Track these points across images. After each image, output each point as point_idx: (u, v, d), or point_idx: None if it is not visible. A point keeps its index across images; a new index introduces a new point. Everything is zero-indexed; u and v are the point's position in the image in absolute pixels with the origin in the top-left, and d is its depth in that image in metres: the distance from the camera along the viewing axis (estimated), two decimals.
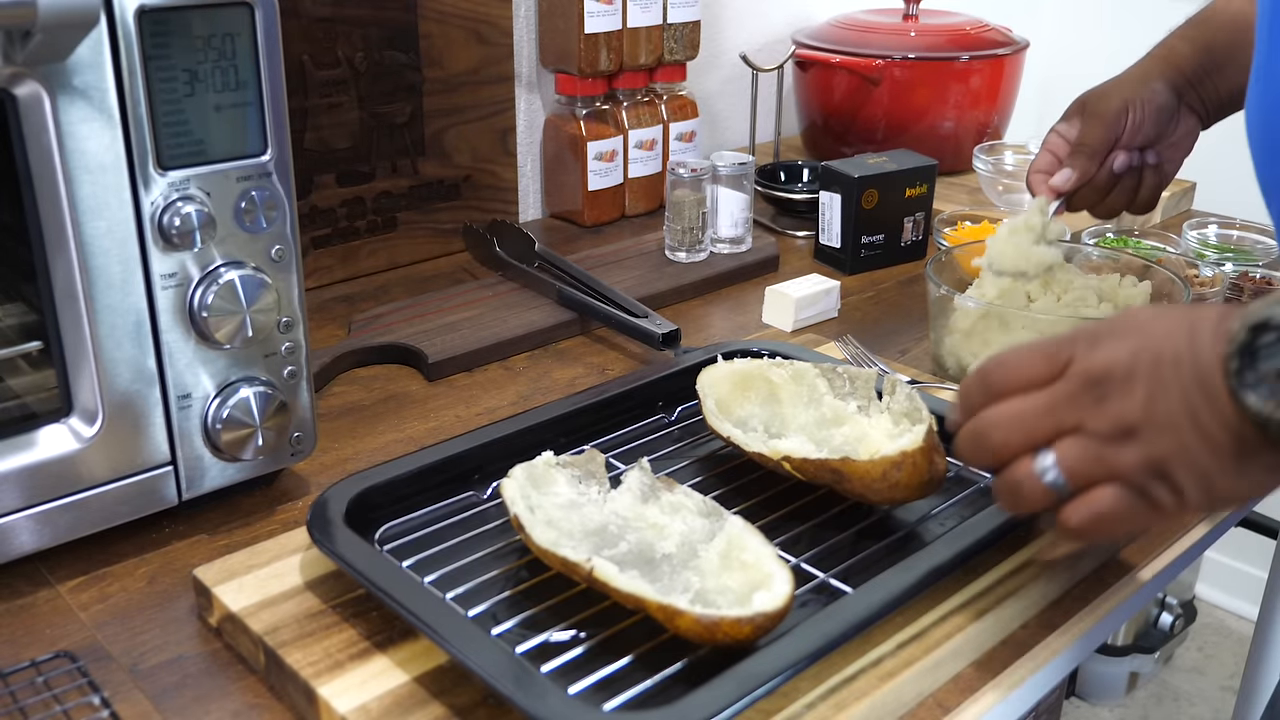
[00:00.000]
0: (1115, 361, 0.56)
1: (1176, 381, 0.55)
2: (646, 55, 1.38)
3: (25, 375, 0.73)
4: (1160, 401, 0.55)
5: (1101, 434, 0.57)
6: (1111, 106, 0.98)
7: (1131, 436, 0.56)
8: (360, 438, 0.92)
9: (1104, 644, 1.94)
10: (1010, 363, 0.61)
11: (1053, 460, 0.58)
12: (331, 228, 1.21)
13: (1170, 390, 0.55)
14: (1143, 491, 0.56)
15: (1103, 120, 0.98)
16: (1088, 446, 0.57)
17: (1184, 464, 0.55)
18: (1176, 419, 0.55)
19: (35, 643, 0.68)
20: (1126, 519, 0.57)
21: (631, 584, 0.61)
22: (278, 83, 0.72)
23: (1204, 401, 0.54)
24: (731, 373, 0.85)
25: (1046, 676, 0.68)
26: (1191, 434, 0.55)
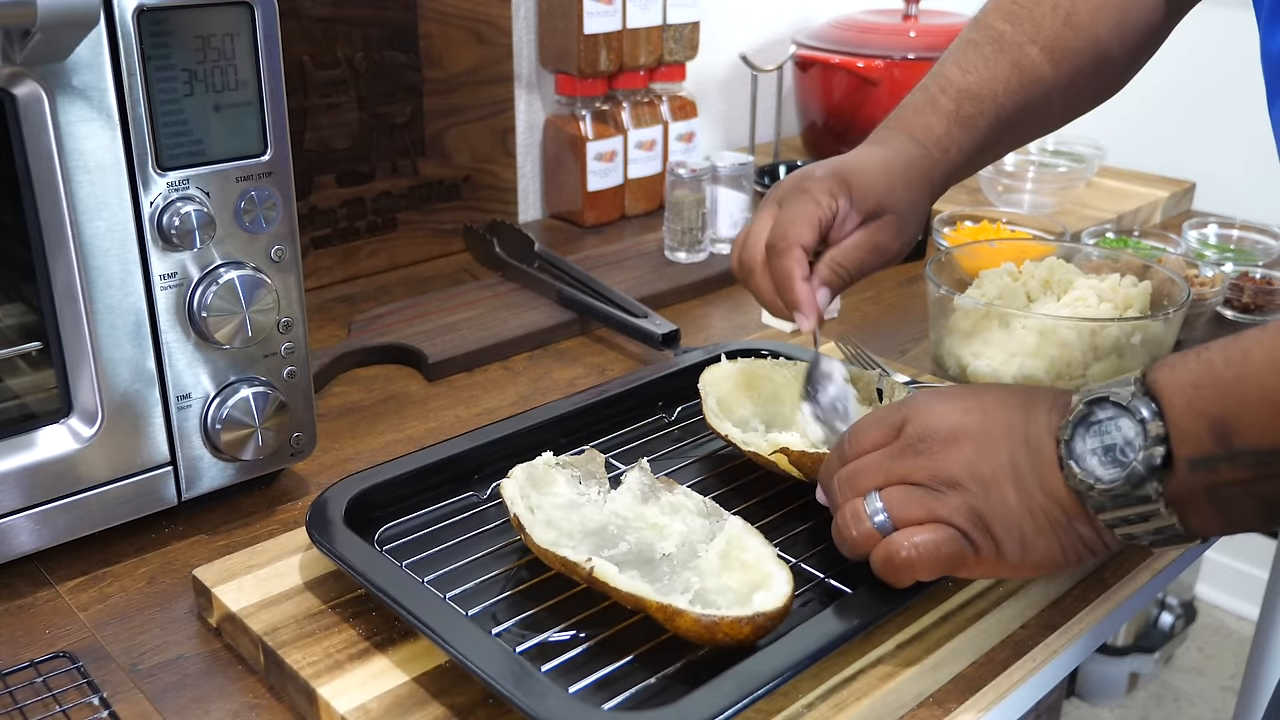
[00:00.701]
0: (942, 421, 0.61)
1: (1005, 443, 0.59)
2: (646, 55, 1.38)
3: (25, 375, 0.73)
4: (985, 460, 0.59)
5: (925, 483, 0.60)
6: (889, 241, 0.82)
7: (954, 488, 0.60)
8: (360, 438, 0.92)
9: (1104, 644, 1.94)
10: (856, 430, 0.66)
11: (881, 504, 0.62)
12: (331, 228, 1.21)
13: (998, 450, 0.59)
14: (965, 535, 0.60)
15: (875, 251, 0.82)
16: (912, 492, 0.61)
17: (1002, 519, 0.59)
18: (999, 477, 0.58)
19: (35, 643, 0.68)
20: (946, 558, 0.60)
21: (631, 584, 0.61)
22: (278, 83, 0.72)
23: (1029, 465, 0.58)
24: (734, 372, 0.85)
25: (1046, 676, 0.68)
26: (1012, 493, 0.58)
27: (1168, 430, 0.53)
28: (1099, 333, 0.89)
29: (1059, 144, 1.51)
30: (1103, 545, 0.59)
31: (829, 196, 0.79)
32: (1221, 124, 1.92)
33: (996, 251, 1.06)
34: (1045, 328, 0.90)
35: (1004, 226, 1.28)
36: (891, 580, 0.63)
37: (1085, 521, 0.58)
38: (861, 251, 0.81)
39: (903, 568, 0.61)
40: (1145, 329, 0.90)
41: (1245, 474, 0.52)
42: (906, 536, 0.61)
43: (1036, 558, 0.60)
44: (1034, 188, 1.39)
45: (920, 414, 0.62)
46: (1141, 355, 0.91)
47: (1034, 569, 0.61)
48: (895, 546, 0.61)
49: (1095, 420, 0.56)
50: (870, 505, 0.62)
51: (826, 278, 0.80)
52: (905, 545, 0.61)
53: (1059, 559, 0.60)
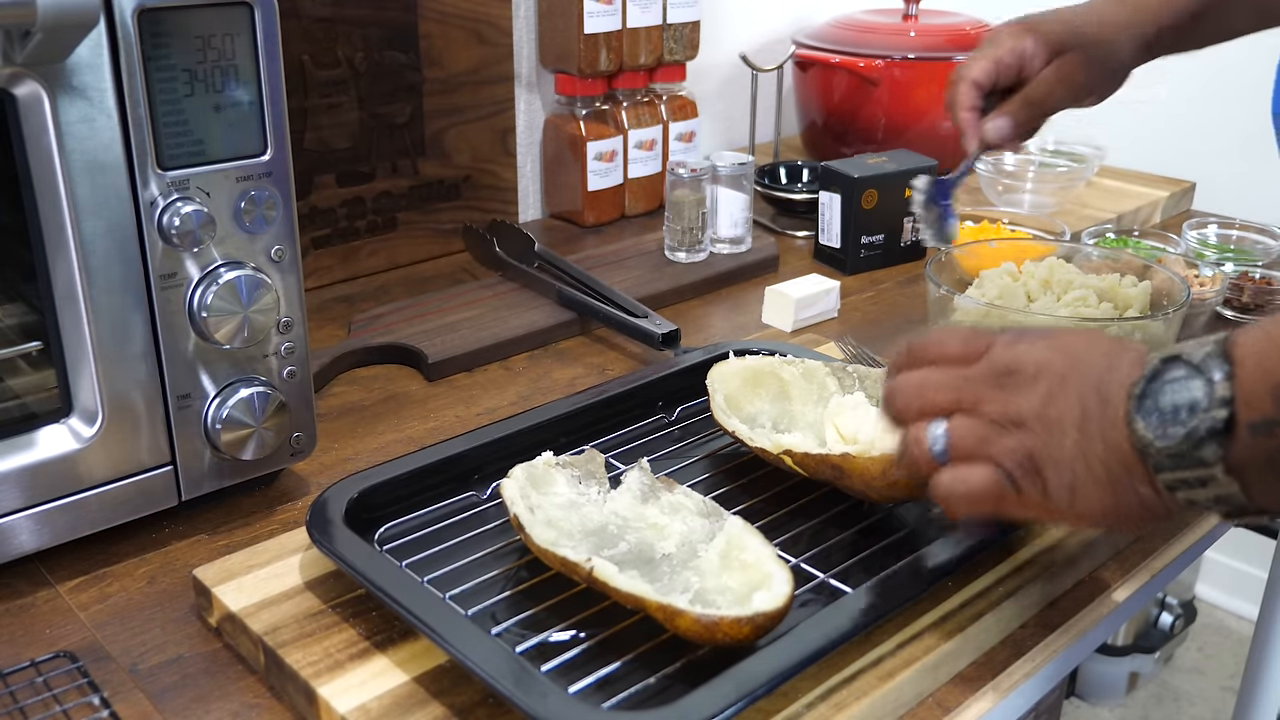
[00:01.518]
0: (1028, 358, 0.60)
1: (1078, 389, 0.58)
2: (646, 55, 1.38)
3: (25, 375, 0.73)
4: (1056, 402, 0.58)
5: (992, 418, 0.60)
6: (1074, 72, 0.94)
7: (1019, 427, 0.59)
8: (360, 438, 0.92)
9: (1104, 644, 1.94)
10: (934, 338, 0.65)
11: (943, 430, 0.61)
12: (331, 228, 1.21)
13: (1069, 394, 0.58)
14: (1012, 480, 0.59)
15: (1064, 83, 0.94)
16: (975, 425, 0.60)
17: (1056, 464, 0.58)
18: (1065, 421, 0.58)
19: (35, 643, 0.68)
20: (991, 500, 0.60)
21: (631, 584, 0.61)
22: (278, 83, 0.72)
23: (1098, 415, 0.57)
24: (742, 369, 0.85)
25: (1046, 676, 0.68)
26: (1072, 441, 0.57)
27: (1234, 392, 0.52)
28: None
29: (1059, 144, 1.51)
30: (1164, 509, 0.57)
31: (1011, 39, 0.95)
32: (1221, 124, 1.92)
33: (996, 251, 1.06)
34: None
35: (1004, 226, 1.28)
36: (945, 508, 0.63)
37: (1146, 481, 0.56)
38: (1047, 85, 0.95)
39: (948, 499, 0.61)
40: (1145, 329, 0.90)
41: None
42: (955, 472, 0.61)
43: (1085, 506, 0.58)
44: (1034, 188, 1.39)
45: (1010, 345, 0.61)
46: None
47: (1082, 518, 0.59)
48: (938, 483, 0.61)
49: (1168, 378, 0.54)
50: (932, 432, 0.62)
51: (1010, 109, 0.95)
52: (949, 480, 0.61)
53: (1110, 512, 0.58)
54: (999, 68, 0.94)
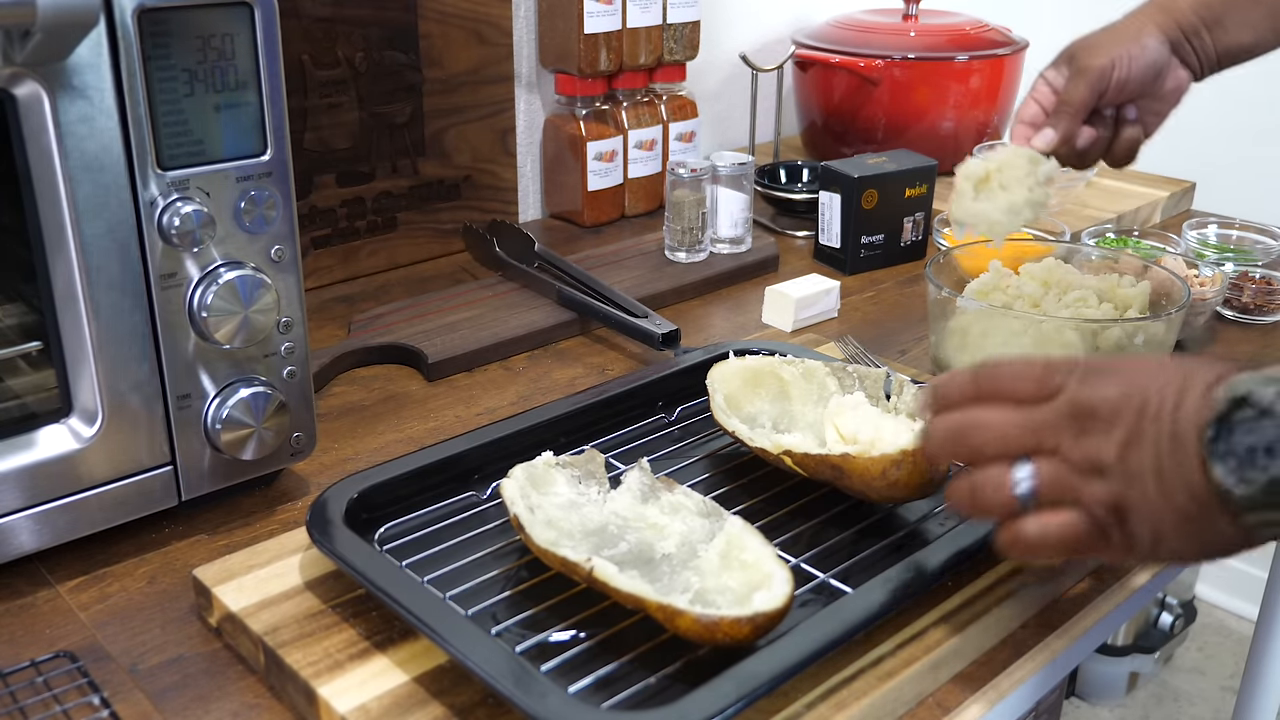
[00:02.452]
0: (1104, 400, 0.58)
1: (1153, 435, 0.56)
2: (646, 55, 1.38)
3: (25, 375, 0.73)
4: (1134, 449, 0.57)
5: (1075, 464, 0.58)
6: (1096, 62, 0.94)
7: (1101, 474, 0.57)
8: (360, 438, 0.92)
9: (1104, 644, 1.94)
10: (1004, 372, 0.62)
11: (1029, 472, 0.59)
12: (331, 228, 1.21)
13: (1145, 441, 0.57)
14: (1100, 527, 0.58)
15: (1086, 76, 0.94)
16: (1063, 470, 0.58)
17: (1142, 514, 0.57)
18: (1144, 470, 0.56)
19: (35, 643, 0.68)
20: (1077, 546, 0.59)
21: (631, 584, 0.61)
22: (278, 83, 0.72)
23: (1173, 461, 0.56)
24: (742, 369, 0.85)
25: (1046, 676, 0.68)
26: (1154, 488, 0.56)
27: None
28: (1101, 334, 0.89)
29: None
30: (1245, 541, 0.56)
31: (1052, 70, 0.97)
32: (1221, 124, 1.92)
33: (997, 252, 1.06)
34: (1046, 329, 0.90)
35: None
36: (1012, 554, 0.61)
37: (1228, 520, 0.55)
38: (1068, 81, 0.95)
39: (1033, 547, 0.59)
40: (1146, 329, 0.90)
41: None
42: (1040, 520, 0.59)
43: (1169, 549, 0.57)
44: None
45: (1084, 385, 0.59)
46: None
47: (1166, 559, 0.59)
48: (1026, 527, 0.59)
49: (1239, 420, 0.53)
50: (1017, 473, 0.59)
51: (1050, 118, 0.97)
52: (1037, 528, 0.59)
53: (1195, 553, 0.58)
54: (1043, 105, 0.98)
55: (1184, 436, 0.55)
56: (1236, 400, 0.54)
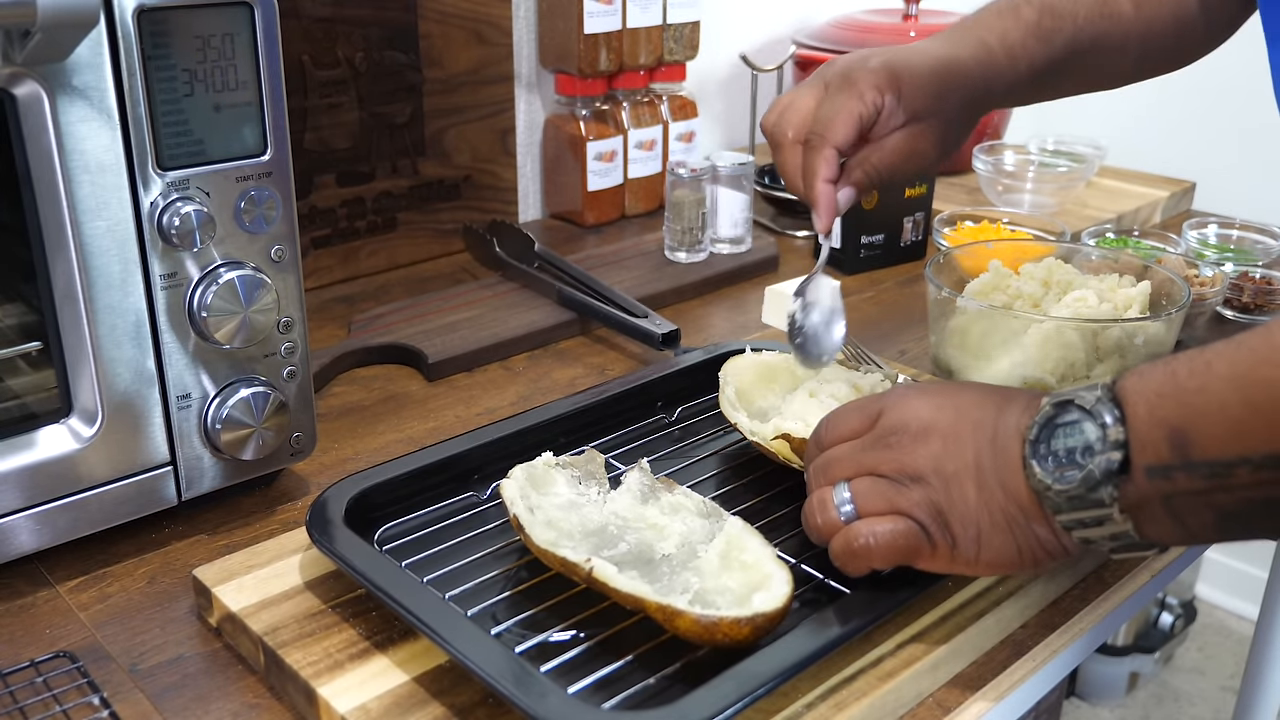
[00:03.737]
0: (915, 416, 0.62)
1: (973, 440, 0.60)
2: (646, 55, 1.38)
3: (25, 375, 0.73)
4: (951, 456, 0.60)
5: (890, 476, 0.62)
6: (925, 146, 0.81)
7: (918, 481, 0.61)
8: (360, 438, 0.92)
9: (1104, 644, 1.94)
10: (833, 419, 0.68)
11: (849, 495, 0.63)
12: (331, 228, 1.21)
13: (965, 446, 0.60)
14: (923, 528, 0.61)
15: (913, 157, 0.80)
16: (877, 483, 0.62)
17: (960, 516, 0.60)
18: (962, 474, 0.60)
19: (35, 643, 0.68)
20: (905, 550, 0.62)
21: (631, 584, 0.61)
22: (278, 83, 0.72)
23: (993, 464, 0.59)
24: (757, 363, 0.85)
25: (1046, 676, 0.68)
26: (973, 490, 0.59)
27: (1127, 436, 0.54)
28: (1101, 334, 0.89)
29: (1059, 144, 1.51)
30: (1061, 549, 0.60)
31: (875, 92, 0.78)
32: (1221, 124, 1.92)
33: (996, 252, 1.06)
34: (1047, 329, 0.90)
35: (1004, 226, 1.28)
36: (848, 568, 0.64)
37: (1043, 523, 0.58)
38: (898, 157, 0.80)
39: (860, 554, 0.62)
40: (1146, 329, 0.90)
41: (1201, 484, 0.53)
42: (867, 525, 0.62)
43: (991, 556, 0.60)
44: (1034, 188, 1.39)
45: (895, 407, 0.64)
46: (1143, 356, 0.91)
47: (989, 567, 0.62)
48: (854, 534, 0.62)
49: (1060, 423, 0.56)
50: (838, 495, 0.64)
51: (857, 179, 0.80)
52: (864, 534, 0.62)
53: (1014, 559, 0.61)
54: (860, 128, 0.79)
55: (1004, 441, 0.59)
56: (1061, 404, 0.56)
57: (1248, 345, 0.52)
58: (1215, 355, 0.53)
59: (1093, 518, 0.56)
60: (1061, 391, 0.57)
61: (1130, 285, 0.97)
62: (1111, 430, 0.54)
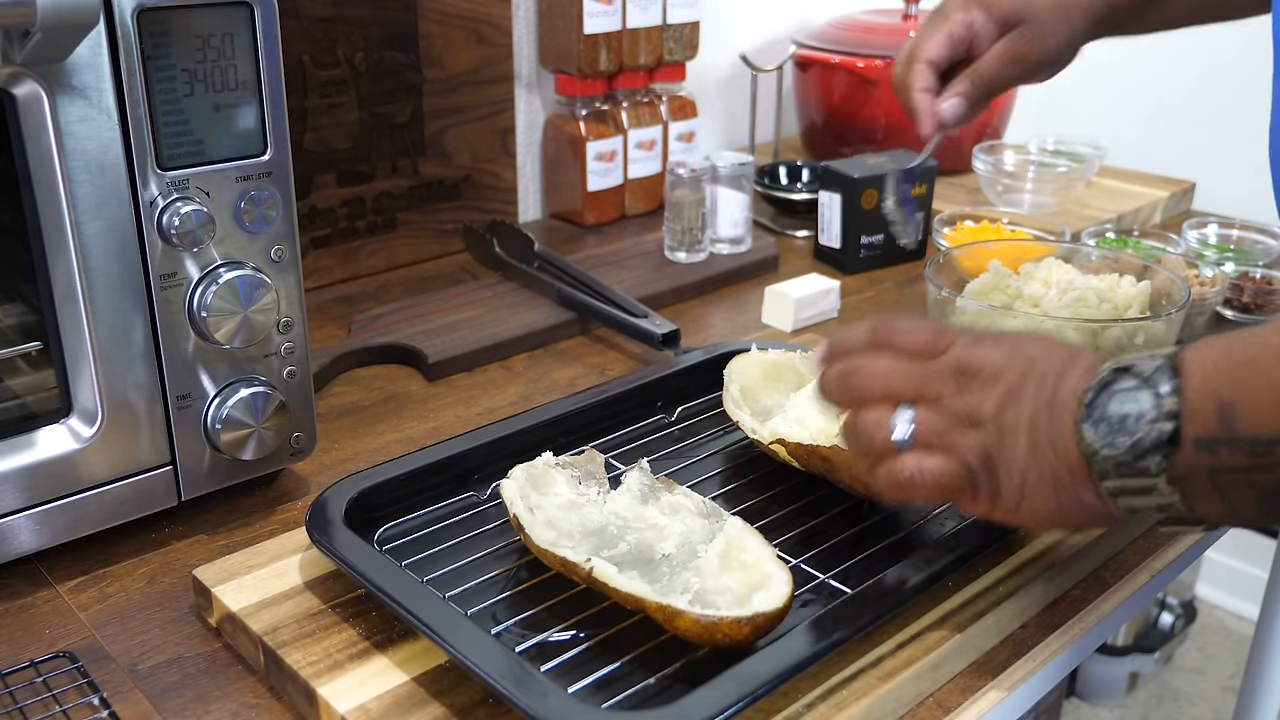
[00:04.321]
0: (988, 361, 0.61)
1: (1033, 395, 0.59)
2: (646, 55, 1.38)
3: (25, 375, 0.73)
4: (1011, 406, 0.59)
5: (954, 414, 0.61)
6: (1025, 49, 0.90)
7: (977, 426, 0.60)
8: (360, 438, 0.92)
9: (1104, 644, 1.94)
10: (898, 327, 0.65)
11: (910, 416, 0.62)
12: (331, 228, 1.21)
13: (1024, 400, 0.59)
14: (970, 475, 0.60)
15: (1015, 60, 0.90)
16: (939, 418, 0.61)
17: (1008, 467, 0.59)
18: (1018, 426, 0.59)
19: (35, 643, 0.68)
20: (948, 490, 0.61)
21: (630, 584, 0.61)
22: (278, 83, 0.72)
23: (1048, 422, 0.58)
24: (763, 361, 0.86)
25: (1046, 676, 0.68)
26: (1025, 445, 0.59)
27: (1181, 407, 0.53)
28: (1100, 333, 0.89)
29: (1059, 144, 1.51)
30: (1107, 514, 0.59)
31: (962, 13, 0.90)
32: (1221, 124, 1.92)
33: (996, 252, 1.06)
34: (1047, 329, 0.90)
35: (1004, 226, 1.28)
36: (886, 493, 0.63)
37: (1089, 486, 0.57)
38: (999, 62, 0.90)
39: (904, 486, 0.62)
40: (1146, 329, 0.90)
41: (1243, 460, 0.52)
42: (916, 460, 0.61)
43: (1031, 507, 0.60)
44: (1034, 188, 1.39)
45: (971, 347, 0.62)
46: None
47: (1028, 518, 0.61)
48: (902, 466, 0.61)
49: (1117, 389, 0.56)
50: (899, 420, 0.62)
51: (962, 89, 0.91)
52: (912, 468, 0.61)
53: (1055, 514, 0.60)
54: (953, 44, 0.90)
55: (1062, 402, 0.58)
56: (1120, 369, 0.56)
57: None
58: (1272, 331, 0.53)
59: (1138, 486, 0.55)
60: (1122, 358, 0.56)
61: (1130, 285, 0.97)
62: (1166, 400, 0.53)
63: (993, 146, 1.47)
